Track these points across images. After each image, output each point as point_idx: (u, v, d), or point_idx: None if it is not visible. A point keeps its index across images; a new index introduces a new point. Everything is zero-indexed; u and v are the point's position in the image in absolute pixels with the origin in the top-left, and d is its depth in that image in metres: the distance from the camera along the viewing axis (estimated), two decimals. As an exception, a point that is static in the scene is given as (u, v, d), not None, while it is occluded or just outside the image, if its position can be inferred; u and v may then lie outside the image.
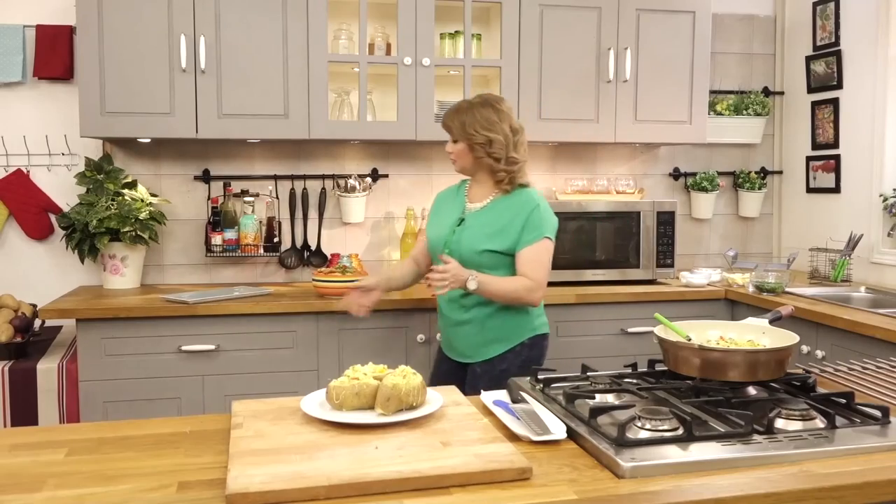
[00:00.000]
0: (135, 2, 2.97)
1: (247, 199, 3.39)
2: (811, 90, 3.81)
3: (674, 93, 3.48)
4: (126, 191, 3.19)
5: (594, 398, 1.51)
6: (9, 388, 2.74)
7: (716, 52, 3.84)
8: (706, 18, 3.49)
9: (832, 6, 3.64)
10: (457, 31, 3.39)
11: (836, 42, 3.63)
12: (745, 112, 3.85)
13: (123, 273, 3.20)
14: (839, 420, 1.41)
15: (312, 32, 3.11)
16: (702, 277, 3.38)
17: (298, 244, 3.52)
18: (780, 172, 4.06)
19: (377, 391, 1.43)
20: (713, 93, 3.79)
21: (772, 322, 1.79)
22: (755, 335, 1.72)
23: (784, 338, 1.65)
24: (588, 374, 1.70)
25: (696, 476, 1.20)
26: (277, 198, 3.48)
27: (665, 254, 3.41)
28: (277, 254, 3.45)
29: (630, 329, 3.21)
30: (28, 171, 3.30)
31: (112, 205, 3.09)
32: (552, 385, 1.64)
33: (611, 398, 1.56)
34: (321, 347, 2.96)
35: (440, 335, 2.63)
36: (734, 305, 3.29)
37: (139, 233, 3.11)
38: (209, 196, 3.42)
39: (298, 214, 3.51)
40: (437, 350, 2.67)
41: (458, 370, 2.50)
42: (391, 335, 3.01)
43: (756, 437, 1.32)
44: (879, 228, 3.44)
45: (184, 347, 2.85)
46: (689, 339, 1.64)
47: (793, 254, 3.58)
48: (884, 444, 1.31)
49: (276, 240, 3.43)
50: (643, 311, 3.20)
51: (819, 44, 3.75)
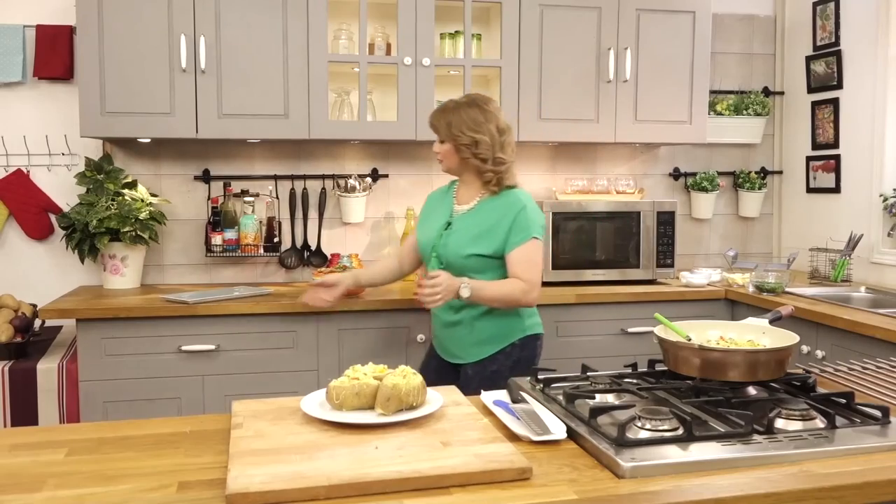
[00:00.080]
0: (135, 2, 2.97)
1: (247, 199, 3.39)
2: (811, 90, 3.82)
3: (674, 93, 3.48)
4: (126, 191, 3.19)
5: (594, 398, 1.51)
6: (9, 388, 2.74)
7: (716, 52, 3.84)
8: (706, 18, 3.49)
9: (832, 6, 3.64)
10: (457, 31, 3.39)
11: (836, 42, 3.63)
12: (745, 112, 3.85)
13: (123, 273, 3.20)
14: (839, 420, 1.41)
15: (312, 32, 3.11)
16: (702, 277, 3.38)
17: (298, 244, 3.52)
18: (780, 172, 4.06)
19: (377, 391, 1.43)
20: (713, 93, 3.79)
21: (772, 322, 1.79)
22: (755, 335, 1.72)
23: (784, 338, 1.65)
24: (588, 374, 1.70)
25: (697, 476, 1.20)
26: (277, 198, 3.48)
27: (665, 254, 3.41)
28: (277, 254, 3.45)
29: (630, 329, 3.21)
30: (28, 171, 3.31)
31: (112, 205, 3.09)
32: (552, 385, 1.64)
33: (611, 398, 1.56)
34: (321, 347, 2.96)
35: (433, 335, 2.63)
36: (734, 305, 3.29)
37: (139, 233, 3.11)
38: (209, 196, 3.42)
39: (298, 214, 3.51)
40: (429, 348, 2.66)
41: (449, 369, 2.49)
42: (391, 335, 3.01)
43: (756, 437, 1.32)
44: (879, 228, 3.44)
45: (184, 347, 2.86)
46: (689, 339, 1.64)
47: (793, 254, 3.58)
48: (884, 444, 1.31)
49: (277, 240, 3.43)
50: (643, 311, 3.20)
51: (819, 44, 3.75)
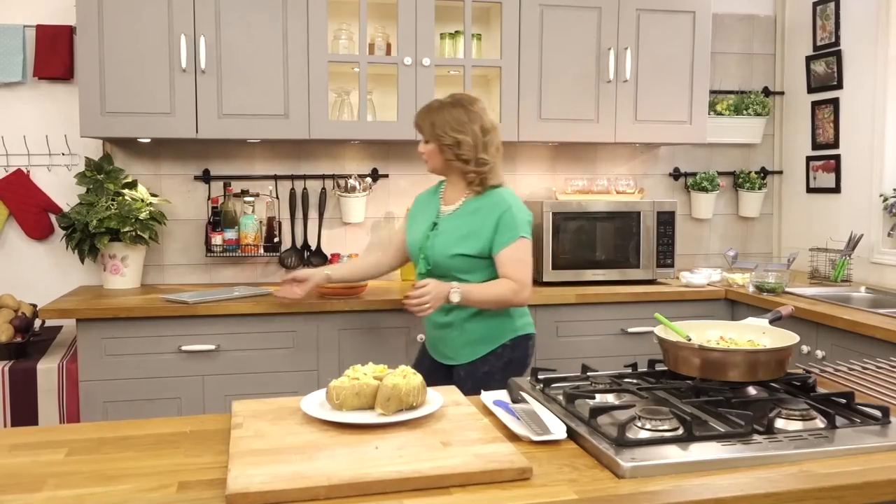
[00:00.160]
0: (135, 2, 2.97)
1: (247, 199, 3.39)
2: (811, 90, 3.82)
3: (674, 93, 3.48)
4: (126, 191, 3.19)
5: (594, 398, 1.51)
6: (9, 388, 2.74)
7: (716, 52, 3.84)
8: (706, 18, 3.49)
9: (832, 6, 3.64)
10: (457, 31, 3.39)
11: (837, 42, 3.63)
12: (746, 112, 3.85)
13: (123, 273, 3.20)
14: (839, 420, 1.41)
15: (312, 32, 3.11)
16: (702, 277, 3.38)
17: (298, 244, 3.52)
18: (781, 172, 4.06)
19: (377, 391, 1.43)
20: (713, 93, 3.79)
21: (772, 322, 1.79)
22: (755, 335, 1.72)
23: (784, 338, 1.65)
24: (588, 374, 1.70)
25: (697, 476, 1.20)
26: (277, 198, 3.48)
27: (665, 254, 3.41)
28: (277, 254, 3.45)
29: (630, 329, 3.21)
30: (28, 171, 3.31)
31: (112, 205, 3.09)
32: (552, 385, 1.64)
33: (611, 398, 1.56)
34: (321, 347, 2.96)
35: (425, 336, 2.62)
36: (734, 305, 3.29)
37: (139, 233, 3.11)
38: (209, 196, 3.42)
39: (298, 214, 3.51)
40: (421, 348, 2.66)
41: (442, 370, 2.49)
42: (391, 335, 3.01)
43: (756, 437, 1.32)
44: (879, 228, 3.44)
45: (184, 347, 2.85)
46: (690, 339, 1.64)
47: (793, 254, 3.58)
48: (884, 444, 1.31)
49: (277, 240, 3.43)
50: (643, 311, 3.20)
51: (819, 44, 3.75)
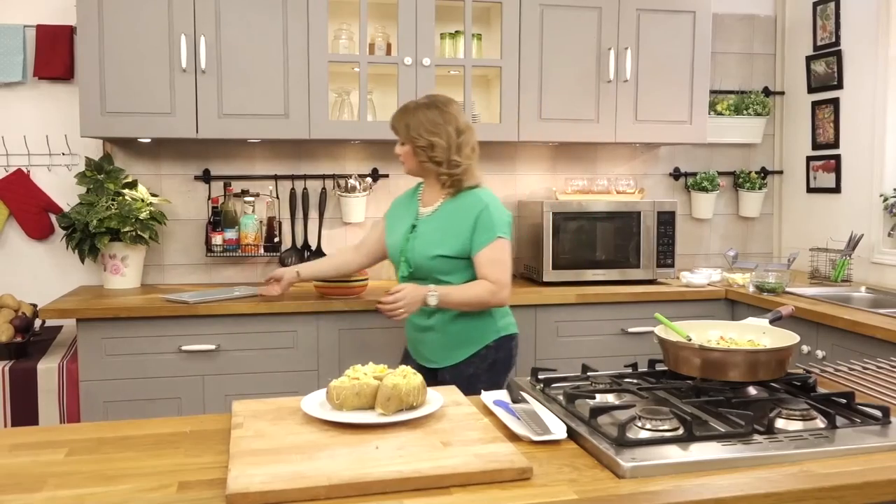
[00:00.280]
0: (135, 2, 2.97)
1: (247, 199, 3.39)
2: (811, 90, 3.81)
3: (674, 93, 3.48)
4: (126, 191, 3.19)
5: (594, 398, 1.51)
6: (9, 388, 2.74)
7: (716, 52, 3.84)
8: (706, 18, 3.49)
9: (832, 6, 3.64)
10: (457, 31, 3.39)
11: (837, 42, 3.63)
12: (746, 112, 3.85)
13: (124, 273, 3.20)
14: (839, 420, 1.41)
15: (313, 32, 3.11)
16: (702, 277, 3.38)
17: (299, 244, 3.52)
18: (781, 172, 4.06)
19: (377, 391, 1.43)
20: (713, 93, 3.79)
21: (772, 322, 1.79)
22: (755, 335, 1.72)
23: (784, 338, 1.65)
24: (588, 374, 1.70)
25: (697, 476, 1.20)
26: (278, 198, 3.48)
27: (665, 254, 3.41)
28: (278, 254, 3.45)
29: (630, 329, 3.21)
30: (28, 171, 3.31)
31: (112, 205, 3.09)
32: (552, 385, 1.64)
33: (611, 398, 1.56)
34: (321, 347, 2.96)
35: (406, 339, 2.59)
36: (734, 305, 3.29)
37: (139, 233, 3.11)
38: (209, 196, 3.42)
39: (299, 214, 3.51)
40: (403, 352, 2.62)
41: (425, 373, 2.44)
42: (391, 335, 3.00)
43: (756, 437, 1.32)
44: (880, 228, 3.44)
45: (184, 347, 2.86)
46: (690, 339, 1.64)
47: (793, 254, 3.58)
48: (884, 444, 1.31)
49: (277, 240, 3.43)
50: (643, 311, 3.20)
51: (819, 44, 3.74)
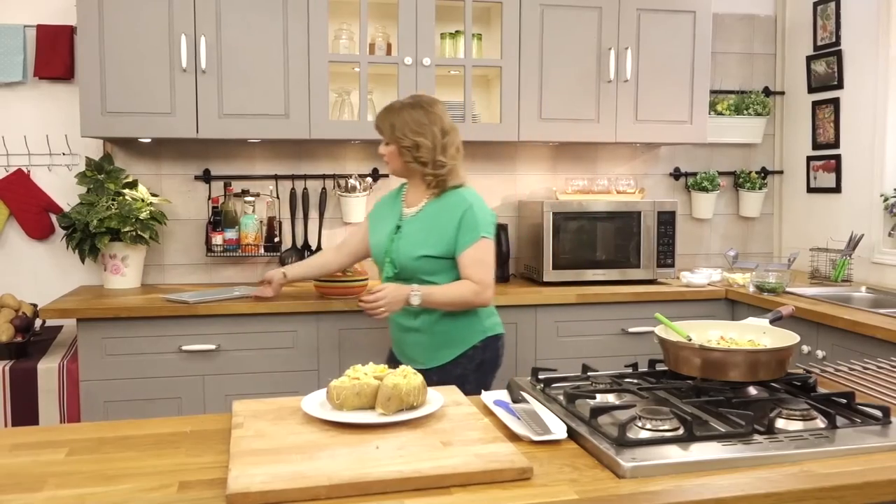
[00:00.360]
0: (135, 1, 2.97)
1: (247, 199, 3.39)
2: (812, 90, 3.81)
3: (674, 93, 3.48)
4: (127, 191, 3.19)
5: (595, 398, 1.51)
6: (9, 388, 2.74)
7: (716, 52, 3.84)
8: (707, 18, 3.49)
9: (833, 6, 3.64)
10: (457, 31, 3.39)
11: (837, 42, 3.63)
12: (746, 112, 3.85)
13: (124, 273, 3.20)
14: (840, 420, 1.41)
15: (313, 32, 3.11)
16: (702, 277, 3.38)
17: (299, 244, 3.52)
18: (781, 172, 4.06)
19: (378, 391, 1.43)
20: (714, 93, 3.79)
21: (772, 322, 1.79)
22: (756, 335, 1.72)
23: (785, 338, 1.65)
24: (589, 374, 1.70)
25: (697, 476, 1.20)
26: (278, 197, 3.48)
27: (665, 254, 3.41)
28: (278, 253, 3.45)
29: (631, 329, 3.21)
30: (29, 171, 3.31)
31: (113, 205, 3.09)
32: (553, 385, 1.64)
33: (611, 398, 1.56)
34: (321, 347, 2.96)
35: (391, 341, 2.58)
36: (735, 305, 3.29)
37: (140, 233, 3.11)
38: (210, 196, 3.42)
39: (299, 214, 3.51)
40: (388, 354, 2.61)
41: None
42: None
43: (757, 437, 1.32)
44: (880, 228, 3.44)
45: (184, 347, 2.86)
46: (690, 339, 1.64)
47: (793, 254, 3.58)
48: (884, 445, 1.31)
49: (277, 239, 3.43)
50: (644, 311, 3.20)
51: (819, 44, 3.74)
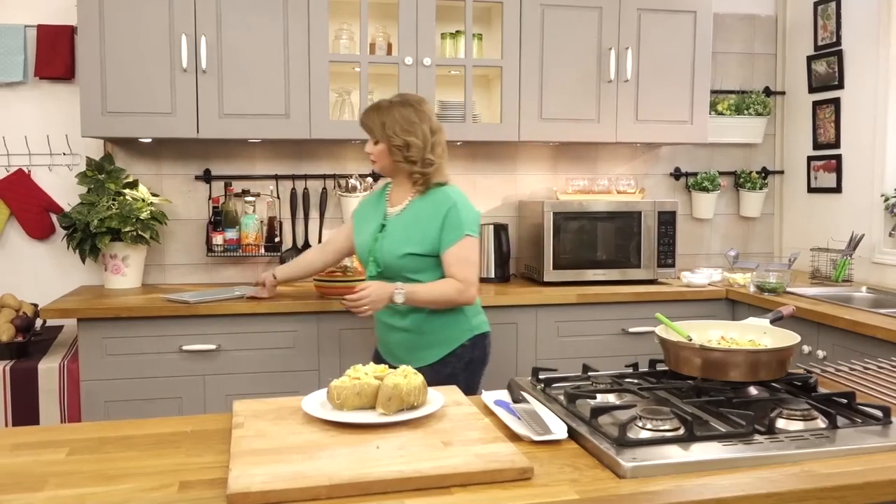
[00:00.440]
0: (136, 2, 2.97)
1: (248, 199, 3.39)
2: (812, 90, 3.81)
3: (675, 93, 3.48)
4: (127, 190, 3.19)
5: (595, 398, 1.51)
6: (10, 388, 2.74)
7: (717, 52, 3.84)
8: (707, 18, 3.49)
9: (833, 6, 3.64)
10: (458, 31, 3.39)
11: (838, 42, 3.63)
12: (747, 112, 3.85)
13: (125, 273, 3.20)
14: (840, 420, 1.41)
15: (313, 32, 3.11)
16: (703, 277, 3.38)
17: (299, 244, 3.52)
18: (782, 172, 4.06)
19: (378, 391, 1.43)
20: (714, 92, 3.79)
21: (773, 322, 1.79)
22: (756, 335, 1.72)
23: (785, 338, 1.65)
24: (589, 374, 1.70)
25: (698, 476, 1.20)
26: (278, 197, 3.48)
27: (666, 254, 3.41)
28: (278, 253, 3.45)
29: (631, 329, 3.21)
30: (29, 171, 3.31)
31: (113, 204, 3.09)
32: (553, 385, 1.64)
33: (612, 398, 1.56)
34: (322, 347, 2.96)
35: (377, 341, 2.56)
36: (735, 305, 3.29)
37: (140, 232, 3.11)
38: (210, 196, 3.42)
39: (299, 214, 3.51)
40: (374, 354, 2.59)
41: None
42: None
43: (757, 437, 1.32)
44: (881, 228, 3.44)
45: (185, 347, 2.86)
46: (691, 339, 1.64)
47: (794, 254, 3.58)
48: (885, 445, 1.31)
49: (278, 239, 3.43)
50: (644, 311, 3.20)
51: (820, 44, 3.74)
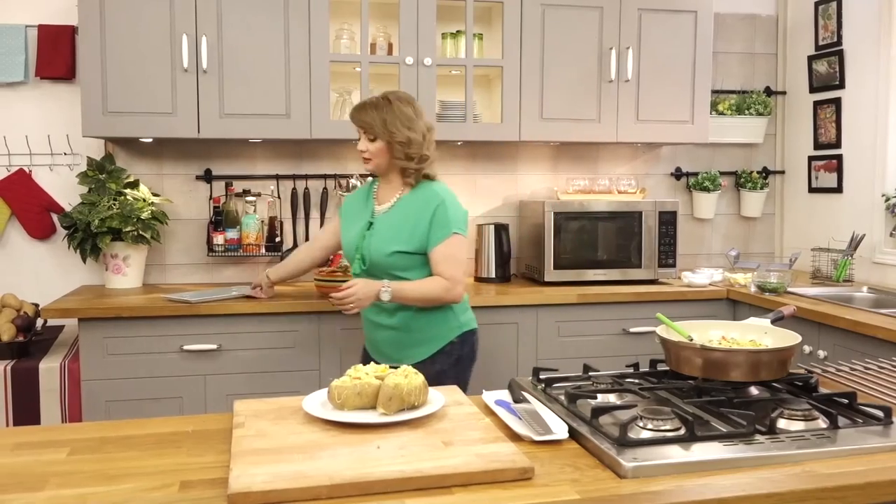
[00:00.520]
0: (137, 1, 2.97)
1: (248, 199, 3.39)
2: (813, 90, 3.81)
3: (675, 92, 3.48)
4: (128, 190, 3.19)
5: (596, 398, 1.51)
6: (11, 388, 2.74)
7: (718, 52, 3.84)
8: (708, 18, 3.49)
9: (834, 6, 3.63)
10: (458, 31, 3.39)
11: (839, 42, 3.62)
12: (747, 112, 3.85)
13: (125, 272, 3.20)
14: (841, 420, 1.41)
15: (314, 32, 3.11)
16: (704, 277, 3.38)
17: (300, 244, 3.52)
18: (783, 172, 4.05)
19: (379, 391, 1.43)
20: (715, 92, 3.79)
21: (774, 322, 1.79)
22: (757, 335, 1.72)
23: (786, 338, 1.65)
24: (590, 374, 1.70)
25: (699, 476, 1.20)
26: (279, 197, 3.48)
27: (667, 254, 3.41)
28: (279, 253, 3.45)
29: (632, 329, 3.21)
30: (30, 171, 3.31)
31: (114, 204, 3.09)
32: (554, 385, 1.64)
33: (613, 398, 1.56)
34: (322, 347, 2.96)
35: (365, 339, 2.56)
36: (736, 305, 3.29)
37: (141, 232, 3.11)
38: (211, 196, 3.42)
39: (300, 214, 3.51)
40: (362, 353, 2.59)
41: None
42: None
43: (758, 438, 1.32)
44: (882, 228, 3.44)
45: (185, 347, 2.86)
46: (691, 339, 1.64)
47: (795, 254, 3.58)
48: (886, 445, 1.31)
49: (278, 239, 3.43)
50: (645, 311, 3.20)
51: (821, 43, 3.74)
